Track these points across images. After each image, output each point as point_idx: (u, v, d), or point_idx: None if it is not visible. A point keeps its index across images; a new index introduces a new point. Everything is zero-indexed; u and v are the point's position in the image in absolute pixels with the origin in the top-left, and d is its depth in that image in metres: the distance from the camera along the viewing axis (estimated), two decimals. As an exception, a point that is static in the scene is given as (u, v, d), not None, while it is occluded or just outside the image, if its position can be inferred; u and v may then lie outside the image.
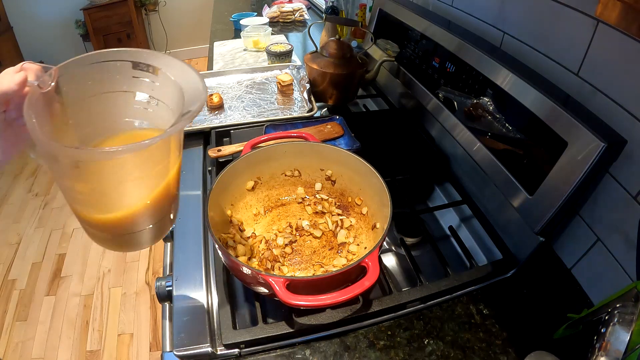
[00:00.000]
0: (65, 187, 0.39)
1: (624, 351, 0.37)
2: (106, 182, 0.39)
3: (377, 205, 0.63)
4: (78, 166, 0.36)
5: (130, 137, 0.43)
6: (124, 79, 0.41)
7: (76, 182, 0.38)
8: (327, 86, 0.99)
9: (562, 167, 0.53)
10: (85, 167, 0.37)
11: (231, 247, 0.61)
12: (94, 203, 0.40)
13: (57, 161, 0.36)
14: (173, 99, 0.41)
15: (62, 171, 0.37)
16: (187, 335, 0.52)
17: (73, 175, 0.38)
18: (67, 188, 0.39)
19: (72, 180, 0.38)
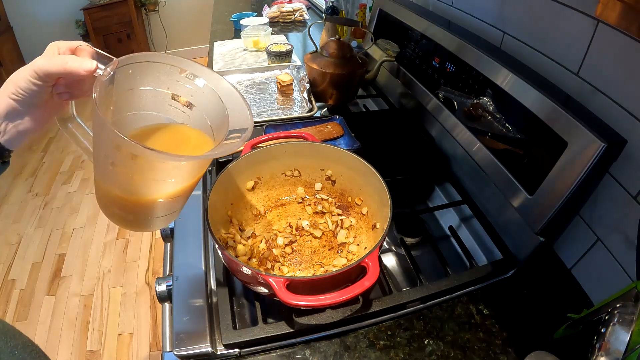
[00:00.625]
0: (108, 169, 0.41)
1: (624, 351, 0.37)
2: (151, 176, 0.43)
3: (377, 205, 0.63)
4: (136, 159, 0.39)
5: (165, 130, 0.47)
6: (169, 81, 0.45)
7: (125, 169, 0.41)
8: (327, 86, 0.99)
9: (562, 167, 0.53)
10: (141, 161, 0.39)
11: (231, 247, 0.61)
12: (130, 188, 0.43)
13: (119, 150, 0.39)
14: (211, 111, 0.46)
15: (116, 158, 0.40)
16: (187, 335, 0.52)
17: (126, 164, 0.40)
18: (110, 171, 0.42)
19: (123, 166, 0.41)
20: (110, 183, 0.44)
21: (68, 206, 2.10)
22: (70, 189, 2.23)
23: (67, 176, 2.32)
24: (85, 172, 2.34)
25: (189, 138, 0.48)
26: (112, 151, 0.40)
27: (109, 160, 0.41)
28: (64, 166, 2.41)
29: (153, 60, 0.43)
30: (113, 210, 0.47)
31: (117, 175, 0.42)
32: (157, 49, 3.65)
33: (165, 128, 0.47)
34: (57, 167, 2.40)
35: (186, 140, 0.48)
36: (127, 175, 0.42)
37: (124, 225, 0.49)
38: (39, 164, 2.43)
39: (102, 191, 0.45)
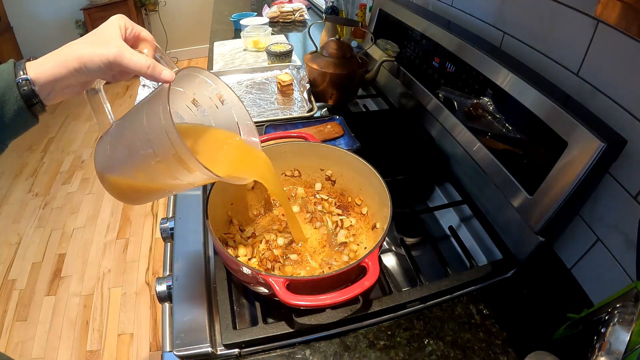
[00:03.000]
0: (149, 163, 0.43)
1: (624, 351, 0.37)
2: (186, 179, 0.46)
3: (377, 205, 0.63)
4: (179, 160, 0.41)
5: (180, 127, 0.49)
6: (196, 88, 0.50)
7: (166, 169, 0.43)
8: (327, 86, 0.99)
9: (562, 167, 0.53)
10: (181, 162, 0.42)
11: (231, 247, 0.61)
12: (159, 181, 0.46)
13: (175, 158, 0.41)
14: (221, 119, 0.53)
15: (168, 161, 0.42)
16: (187, 335, 0.52)
17: (171, 168, 0.43)
18: (149, 165, 0.44)
19: (166, 167, 0.43)
20: (141, 172, 0.45)
21: (68, 206, 2.10)
22: (70, 189, 2.23)
23: (67, 176, 2.32)
24: (85, 172, 2.34)
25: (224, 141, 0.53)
26: (167, 155, 0.41)
27: (156, 159, 0.42)
28: (64, 166, 2.40)
29: (199, 74, 0.48)
30: (121, 189, 0.49)
31: (153, 170, 0.44)
32: (155, 52, 3.65)
33: (207, 130, 0.53)
34: (57, 167, 2.40)
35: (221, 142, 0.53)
36: (163, 174, 0.44)
37: (121, 199, 0.51)
38: (39, 164, 2.43)
39: (123, 174, 0.47)
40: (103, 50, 0.39)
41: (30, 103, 0.40)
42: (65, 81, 0.40)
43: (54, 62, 0.40)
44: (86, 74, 0.40)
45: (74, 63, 0.39)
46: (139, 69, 0.41)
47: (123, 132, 0.46)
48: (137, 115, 0.45)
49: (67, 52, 0.40)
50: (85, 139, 2.65)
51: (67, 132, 2.74)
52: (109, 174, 0.48)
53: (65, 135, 2.71)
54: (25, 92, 0.39)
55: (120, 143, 0.46)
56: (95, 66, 0.40)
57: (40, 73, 0.39)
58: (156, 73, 0.41)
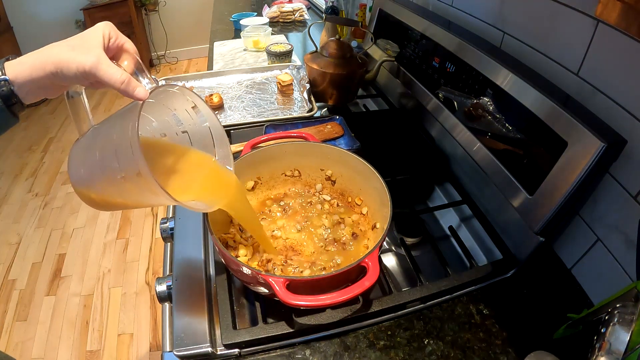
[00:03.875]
0: (115, 177, 0.43)
1: (624, 351, 0.37)
2: (149, 200, 0.46)
3: (377, 205, 0.63)
4: (142, 179, 0.41)
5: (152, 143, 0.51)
6: (177, 103, 0.50)
7: (131, 186, 0.43)
8: (327, 86, 0.99)
9: (562, 167, 0.53)
10: (142, 183, 0.41)
11: (231, 248, 0.61)
12: (124, 195, 0.46)
13: (137, 176, 0.41)
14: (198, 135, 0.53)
15: (131, 178, 0.42)
16: (187, 335, 0.52)
17: (136, 185, 0.42)
18: (114, 179, 0.44)
19: (130, 183, 0.43)
20: (107, 184, 0.45)
21: (68, 206, 2.10)
22: (70, 189, 2.22)
23: (67, 176, 2.32)
24: (85, 172, 2.34)
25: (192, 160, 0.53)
26: (131, 172, 0.41)
27: (121, 174, 0.42)
28: (64, 166, 2.40)
29: (176, 90, 0.48)
30: (90, 195, 0.49)
31: (118, 184, 0.44)
32: (157, 49, 3.65)
33: (172, 148, 0.52)
34: (57, 167, 2.40)
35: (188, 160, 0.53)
36: (127, 189, 0.44)
37: (89, 204, 0.52)
38: (39, 164, 2.43)
39: (91, 182, 0.48)
40: (81, 57, 0.39)
41: (9, 103, 0.40)
42: (41, 82, 0.40)
43: (32, 62, 0.39)
44: (62, 79, 0.40)
45: (50, 66, 0.39)
46: (112, 83, 0.40)
47: (95, 140, 0.46)
48: (111, 126, 0.45)
49: (47, 54, 0.39)
50: (85, 139, 2.65)
51: (67, 132, 2.74)
52: (79, 178, 0.48)
53: (65, 135, 2.71)
54: (4, 93, 0.39)
55: (92, 150, 0.46)
56: (71, 73, 0.39)
57: (18, 73, 0.39)
58: (129, 89, 0.40)
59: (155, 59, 3.68)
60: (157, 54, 3.68)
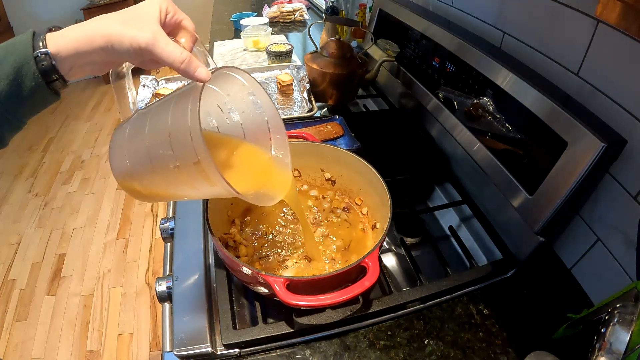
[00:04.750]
0: (167, 166, 0.40)
1: (624, 351, 0.37)
2: (196, 184, 0.42)
3: (377, 205, 0.63)
4: (199, 170, 0.38)
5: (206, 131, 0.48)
6: (233, 88, 0.47)
7: (185, 177, 0.40)
8: (327, 86, 0.99)
9: (562, 167, 0.53)
10: (201, 172, 0.39)
11: (232, 248, 0.61)
12: (173, 185, 0.43)
13: (195, 165, 0.38)
14: (251, 125, 0.51)
15: (187, 168, 0.39)
16: (187, 335, 0.52)
17: (190, 176, 0.39)
18: (167, 168, 0.40)
19: (185, 174, 0.40)
20: (156, 174, 0.42)
21: (68, 206, 2.10)
22: (70, 189, 2.23)
23: (67, 176, 2.32)
24: (85, 172, 2.34)
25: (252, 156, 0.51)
26: (187, 161, 0.38)
27: (175, 163, 0.39)
28: (64, 166, 2.40)
29: (237, 75, 0.44)
30: (133, 185, 0.45)
31: (169, 174, 0.41)
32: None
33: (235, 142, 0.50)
34: (57, 167, 2.40)
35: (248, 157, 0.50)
36: (179, 179, 0.41)
37: (132, 195, 0.49)
38: (39, 164, 2.43)
39: (136, 170, 0.44)
40: (135, 32, 0.35)
41: (49, 79, 0.36)
42: (88, 57, 0.37)
43: (78, 35, 0.36)
44: (112, 55, 0.37)
45: (100, 40, 0.35)
46: (171, 62, 0.37)
47: (144, 125, 0.42)
48: (163, 110, 0.41)
49: (95, 27, 0.36)
50: (85, 139, 2.65)
51: (67, 132, 2.74)
52: (122, 165, 0.45)
53: (65, 135, 2.71)
54: (44, 68, 0.35)
55: (139, 137, 0.43)
56: (124, 49, 0.36)
57: (61, 46, 0.35)
58: (191, 70, 0.37)
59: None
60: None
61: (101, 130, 2.75)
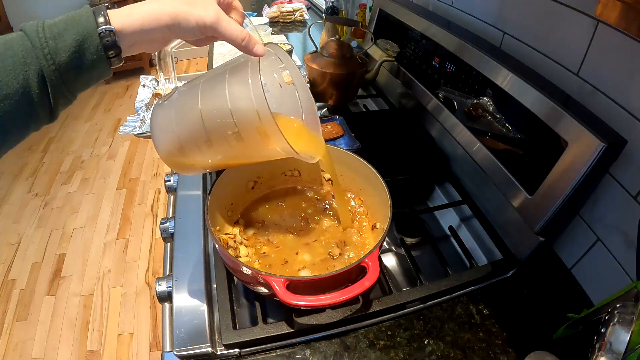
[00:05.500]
0: (226, 135, 0.44)
1: (624, 351, 0.37)
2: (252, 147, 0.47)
3: (377, 205, 0.63)
4: (262, 134, 0.43)
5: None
6: (266, 63, 0.52)
7: (238, 135, 0.44)
8: (327, 86, 0.99)
9: (562, 167, 0.53)
10: (263, 136, 0.43)
11: (232, 248, 0.61)
12: (229, 154, 0.48)
13: (260, 134, 0.42)
14: (284, 98, 0.55)
15: (249, 136, 0.43)
16: (187, 335, 0.52)
17: (248, 131, 0.43)
18: (225, 136, 0.45)
19: (246, 142, 0.44)
20: (210, 142, 0.45)
21: (68, 206, 2.10)
22: (70, 189, 2.23)
23: (67, 176, 2.32)
24: (85, 172, 2.34)
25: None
26: (248, 126, 0.42)
27: (234, 129, 0.43)
28: (64, 166, 2.40)
29: (276, 52, 0.51)
30: (179, 156, 0.48)
31: (224, 141, 0.44)
32: (157, 49, 3.64)
33: None
34: (57, 167, 2.40)
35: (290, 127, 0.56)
36: (234, 145, 0.45)
37: (175, 168, 0.52)
38: (39, 164, 2.43)
39: (189, 141, 0.47)
40: (201, 12, 0.39)
41: (110, 54, 0.38)
42: (151, 35, 0.39)
43: (145, 14, 0.38)
44: (176, 32, 0.39)
45: (167, 19, 0.38)
46: (234, 39, 0.40)
47: (194, 100, 0.45)
48: (216, 83, 0.45)
49: (162, 7, 0.38)
50: (85, 139, 2.65)
51: (67, 132, 2.74)
52: (170, 139, 0.47)
53: (65, 135, 2.71)
54: (108, 43, 0.37)
55: (190, 110, 0.46)
56: (190, 27, 0.39)
57: (127, 24, 0.37)
58: (250, 46, 0.41)
59: (155, 59, 3.68)
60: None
61: (101, 130, 2.75)
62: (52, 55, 0.35)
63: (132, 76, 3.33)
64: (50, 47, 0.35)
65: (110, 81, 3.31)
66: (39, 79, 0.35)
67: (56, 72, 0.35)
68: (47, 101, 0.36)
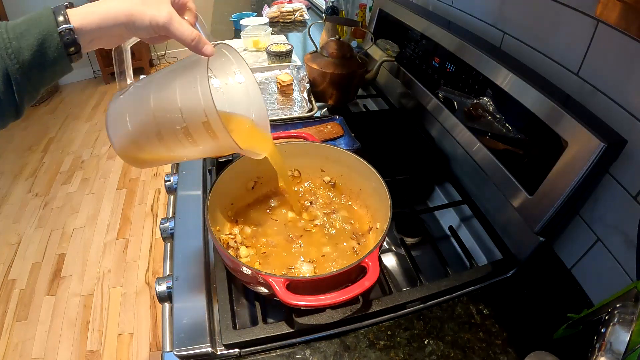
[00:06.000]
0: (174, 129, 0.46)
1: (624, 351, 0.37)
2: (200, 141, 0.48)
3: (377, 205, 0.63)
4: (208, 129, 0.44)
5: None
6: (217, 63, 0.54)
7: (185, 130, 0.45)
8: (327, 86, 0.99)
9: (562, 167, 0.53)
10: (209, 131, 0.45)
11: (232, 248, 0.61)
12: (175, 147, 0.48)
13: (204, 127, 0.44)
14: (233, 97, 0.57)
15: (195, 130, 0.45)
16: (187, 335, 0.52)
17: (195, 126, 0.45)
18: (173, 130, 0.46)
19: (193, 136, 0.46)
20: (161, 136, 0.47)
21: (68, 206, 2.10)
22: (70, 189, 2.23)
23: (67, 176, 2.32)
24: (85, 172, 2.34)
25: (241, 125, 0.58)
26: (196, 121, 0.44)
27: (182, 124, 0.45)
28: (64, 166, 2.40)
29: (228, 52, 0.52)
30: (132, 149, 0.50)
31: (173, 135, 0.46)
32: (157, 49, 3.65)
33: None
34: (57, 167, 2.40)
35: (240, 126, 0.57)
36: (181, 141, 0.46)
37: (130, 162, 0.53)
38: (39, 164, 2.43)
39: (137, 134, 0.48)
40: (154, 12, 0.40)
41: (70, 51, 0.40)
42: (109, 32, 0.41)
43: (102, 12, 0.40)
44: (131, 30, 0.41)
45: (123, 17, 0.40)
46: (184, 39, 0.42)
47: (147, 94, 0.47)
48: (168, 80, 0.46)
49: (118, 6, 0.40)
50: (85, 139, 2.65)
51: (67, 132, 2.74)
52: (123, 133, 0.49)
53: (65, 135, 2.71)
54: (68, 41, 0.39)
55: (143, 104, 0.47)
56: (144, 25, 0.40)
57: (85, 22, 0.39)
58: (199, 46, 0.43)
59: (155, 59, 3.68)
60: (157, 54, 3.68)
61: (101, 130, 2.75)
62: (16, 54, 0.37)
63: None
64: (14, 47, 0.37)
65: (111, 81, 3.31)
66: (3, 78, 0.37)
67: (20, 70, 0.37)
68: (13, 99, 0.38)
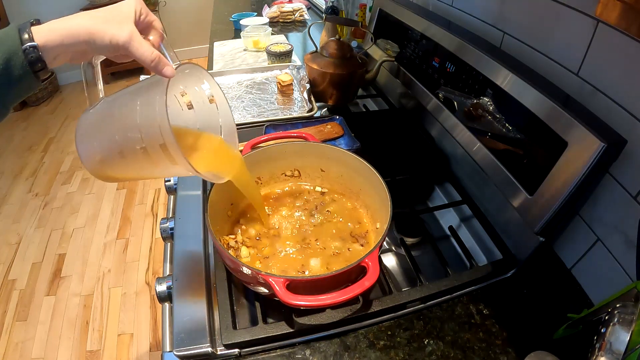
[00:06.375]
0: (134, 149, 0.45)
1: (624, 351, 0.37)
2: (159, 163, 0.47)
3: (377, 205, 0.63)
4: (164, 150, 0.44)
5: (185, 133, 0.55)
6: (188, 83, 0.53)
7: (145, 150, 0.45)
8: (327, 86, 0.99)
9: (562, 167, 0.53)
10: (166, 152, 0.44)
11: (232, 248, 0.61)
12: (138, 168, 0.48)
13: (161, 149, 0.43)
14: (205, 116, 0.56)
15: (153, 151, 0.44)
16: (187, 335, 0.52)
17: (153, 147, 0.45)
18: (134, 150, 0.46)
19: (151, 155, 0.45)
20: (123, 155, 0.47)
21: (68, 206, 2.10)
22: (70, 189, 2.23)
23: (67, 176, 2.32)
24: (86, 172, 2.34)
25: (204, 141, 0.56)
26: (154, 143, 0.43)
27: (141, 145, 0.44)
28: (64, 166, 2.41)
29: (196, 72, 0.51)
30: (97, 165, 0.50)
31: (135, 155, 0.45)
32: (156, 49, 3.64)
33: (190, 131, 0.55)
34: (57, 167, 2.40)
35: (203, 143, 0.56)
36: (143, 159, 0.46)
37: (97, 176, 0.53)
38: (39, 164, 2.43)
39: (102, 150, 0.49)
40: (115, 31, 0.40)
41: (36, 68, 0.40)
42: (71, 49, 0.41)
43: (64, 30, 0.40)
44: (93, 48, 0.41)
45: (84, 35, 0.40)
46: (143, 60, 0.42)
47: (112, 111, 0.48)
48: (131, 98, 0.46)
49: (80, 23, 0.40)
50: (85, 139, 2.65)
51: (67, 132, 2.74)
52: (90, 147, 0.49)
53: (65, 135, 2.71)
54: (32, 58, 0.39)
55: (108, 121, 0.48)
56: (104, 44, 0.41)
57: (49, 39, 0.40)
58: (159, 67, 0.42)
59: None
60: (157, 54, 3.68)
61: (101, 130, 2.75)
62: None
63: (131, 76, 3.33)
64: None
65: (110, 81, 3.31)
66: None
67: None
68: None
